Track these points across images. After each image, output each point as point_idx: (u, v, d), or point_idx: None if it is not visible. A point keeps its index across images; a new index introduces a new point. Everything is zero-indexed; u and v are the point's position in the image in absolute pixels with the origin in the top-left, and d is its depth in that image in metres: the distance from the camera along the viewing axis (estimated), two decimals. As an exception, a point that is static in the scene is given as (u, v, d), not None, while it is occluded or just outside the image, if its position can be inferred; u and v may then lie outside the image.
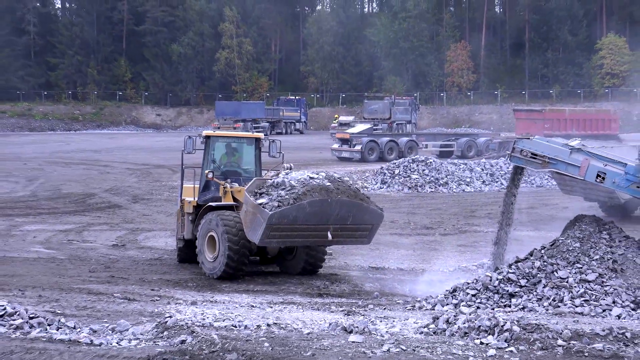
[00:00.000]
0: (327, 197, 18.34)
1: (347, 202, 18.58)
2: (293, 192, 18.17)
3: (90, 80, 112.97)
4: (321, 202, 18.20)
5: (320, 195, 18.25)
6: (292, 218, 18.08)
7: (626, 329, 13.66)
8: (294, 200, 17.98)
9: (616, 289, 16.74)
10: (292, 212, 17.95)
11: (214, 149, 22.15)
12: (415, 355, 12.36)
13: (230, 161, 22.55)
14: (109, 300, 17.58)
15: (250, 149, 22.40)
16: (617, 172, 18.03)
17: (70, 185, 41.33)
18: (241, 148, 22.77)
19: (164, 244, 26.05)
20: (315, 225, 18.60)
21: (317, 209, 18.23)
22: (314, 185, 18.44)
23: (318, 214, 18.36)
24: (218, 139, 22.60)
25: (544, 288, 17.12)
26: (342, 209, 18.54)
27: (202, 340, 12.49)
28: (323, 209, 18.34)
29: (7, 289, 18.33)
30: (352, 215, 18.78)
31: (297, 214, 18.06)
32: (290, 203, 17.93)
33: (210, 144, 22.02)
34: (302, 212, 18.08)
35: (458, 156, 56.03)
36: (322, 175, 19.11)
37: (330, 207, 18.40)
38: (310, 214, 18.20)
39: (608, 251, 17.59)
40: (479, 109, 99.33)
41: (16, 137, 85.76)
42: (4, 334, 13.29)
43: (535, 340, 13.06)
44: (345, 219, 18.76)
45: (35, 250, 24.56)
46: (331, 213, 18.46)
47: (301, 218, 18.20)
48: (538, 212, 32.38)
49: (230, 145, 22.77)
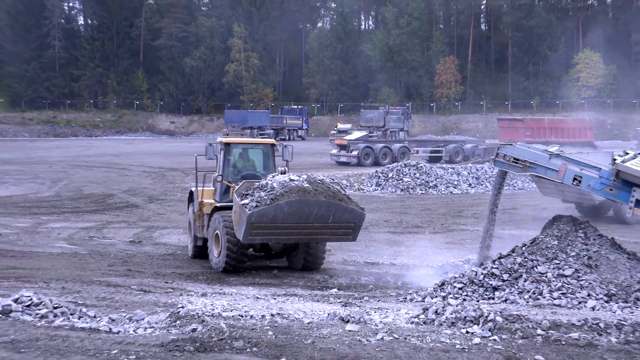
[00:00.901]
0: (304, 198, 18.35)
1: (325, 202, 18.57)
2: (272, 193, 18.29)
3: (110, 90, 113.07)
4: (298, 202, 18.24)
5: (297, 195, 18.28)
6: (272, 217, 18.15)
7: (600, 319, 13.65)
8: (271, 200, 18.08)
9: (591, 283, 16.73)
10: (270, 211, 18.03)
11: (233, 155, 21.99)
12: (406, 343, 12.35)
13: (247, 165, 22.32)
14: (127, 292, 17.57)
15: (266, 153, 22.32)
16: (592, 176, 18.02)
17: (92, 187, 41.32)
18: (257, 153, 22.56)
19: (177, 241, 26.04)
20: (297, 223, 18.60)
21: (295, 208, 18.25)
22: (293, 186, 18.51)
23: (297, 213, 18.37)
24: (236, 145, 22.42)
25: (524, 282, 17.11)
26: (321, 208, 18.53)
27: (211, 328, 12.48)
28: (301, 209, 18.34)
29: (33, 281, 18.33)
30: (331, 214, 18.74)
31: (276, 214, 18.11)
32: (268, 203, 18.03)
33: (229, 150, 21.85)
34: (281, 211, 18.12)
35: (446, 161, 56.04)
36: (303, 178, 19.11)
37: (309, 207, 18.40)
38: (288, 213, 18.24)
39: (583, 248, 17.58)
40: (465, 118, 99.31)
41: (42, 143, 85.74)
42: (30, 322, 13.28)
43: (516, 329, 13.05)
44: (326, 218, 18.73)
45: (59, 245, 24.56)
46: (310, 212, 18.45)
47: (280, 217, 18.23)
48: (519, 213, 32.34)
49: (247, 151, 22.62)
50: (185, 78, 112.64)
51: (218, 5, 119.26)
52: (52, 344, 11.96)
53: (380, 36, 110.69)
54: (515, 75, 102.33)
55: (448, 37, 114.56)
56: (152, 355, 11.44)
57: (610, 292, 16.56)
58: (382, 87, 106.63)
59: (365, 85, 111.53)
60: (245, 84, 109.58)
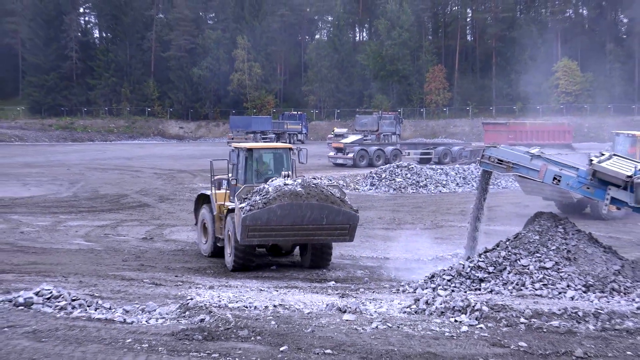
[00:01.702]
0: (296, 201, 18.18)
1: (317, 205, 18.40)
2: (265, 197, 18.19)
3: (124, 98, 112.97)
4: (290, 206, 18.10)
5: (290, 199, 18.14)
6: (265, 220, 18.05)
7: (578, 308, 13.67)
8: (264, 204, 17.98)
9: (570, 275, 16.74)
10: (263, 215, 17.94)
11: (254, 159, 21.45)
12: (399, 332, 12.35)
13: (267, 168, 21.85)
14: (139, 285, 17.58)
15: (284, 157, 21.93)
16: (571, 175, 18.05)
17: (107, 188, 41.30)
18: (276, 157, 22.09)
19: (186, 237, 26.03)
20: (291, 225, 18.44)
21: (287, 211, 18.11)
22: (286, 190, 18.36)
23: (290, 216, 18.21)
24: (257, 150, 21.87)
25: (508, 274, 17.12)
26: (314, 211, 18.36)
27: (218, 318, 12.48)
28: (293, 211, 18.19)
29: (53, 275, 18.34)
30: (324, 216, 18.53)
31: (269, 217, 18.01)
32: (260, 207, 17.94)
33: (251, 155, 21.34)
34: (274, 214, 18.01)
35: (435, 162, 55.95)
36: (297, 182, 18.93)
37: (301, 210, 18.24)
38: (281, 216, 18.12)
39: (563, 243, 17.59)
40: (453, 122, 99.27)
41: (61, 147, 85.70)
42: (50, 314, 13.28)
43: (501, 318, 13.06)
44: (319, 220, 18.55)
45: (77, 242, 24.57)
46: (303, 215, 18.28)
47: (274, 220, 18.11)
48: (503, 210, 32.32)
49: (267, 155, 22.15)
50: (193, 86, 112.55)
51: (223, 19, 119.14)
52: (71, 333, 11.96)
53: (373, 47, 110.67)
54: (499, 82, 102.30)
55: (436, 47, 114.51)
56: (164, 344, 11.44)
57: (588, 283, 16.57)
58: (375, 94, 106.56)
59: (360, 93, 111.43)
60: (248, 91, 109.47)
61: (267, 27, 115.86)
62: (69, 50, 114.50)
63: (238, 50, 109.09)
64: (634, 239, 25.94)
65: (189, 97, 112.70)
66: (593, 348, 11.53)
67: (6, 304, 13.93)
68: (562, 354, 11.24)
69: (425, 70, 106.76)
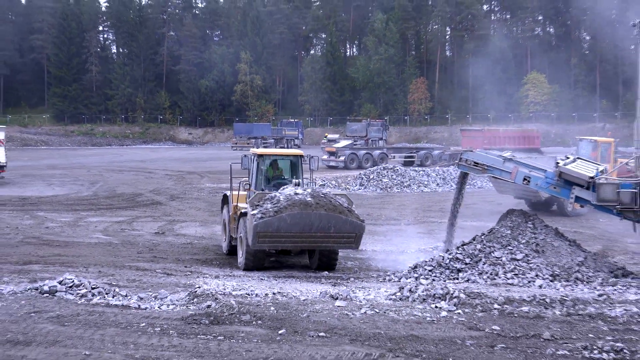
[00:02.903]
0: (305, 211, 17.32)
1: (325, 215, 17.50)
2: (277, 205, 17.38)
3: (138, 107, 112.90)
4: (300, 215, 17.25)
5: (299, 208, 17.29)
6: (276, 227, 17.18)
7: (546, 295, 13.68)
8: (275, 212, 17.17)
9: (538, 266, 16.77)
10: (274, 222, 17.09)
11: (265, 164, 20.52)
12: (385, 316, 12.35)
13: (278, 174, 20.77)
14: (153, 275, 17.56)
15: (294, 163, 20.80)
16: (539, 176, 18.09)
17: (123, 187, 41.25)
18: (287, 163, 21.01)
19: (195, 232, 26.01)
20: (300, 233, 17.53)
21: (297, 220, 17.24)
22: (296, 200, 17.50)
23: (299, 224, 17.31)
24: (268, 156, 20.91)
25: (483, 265, 17.13)
26: (322, 220, 17.46)
27: (223, 305, 12.46)
28: (302, 220, 17.29)
29: (75, 266, 18.31)
30: (332, 225, 17.60)
31: (280, 224, 17.14)
32: (271, 215, 17.14)
33: (262, 160, 20.44)
34: (284, 222, 17.15)
35: (418, 165, 56.01)
36: (307, 192, 18.11)
37: (310, 219, 17.34)
38: (291, 224, 17.24)
39: (532, 237, 17.62)
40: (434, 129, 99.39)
41: (81, 151, 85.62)
42: (72, 300, 13.26)
43: (477, 304, 13.06)
44: (327, 228, 17.61)
45: (96, 236, 24.53)
46: (312, 224, 17.39)
47: (284, 227, 17.24)
48: (479, 207, 32.37)
49: (278, 161, 21.06)
50: (201, 96, 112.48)
51: (228, 36, 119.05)
52: (91, 318, 11.94)
53: (362, 61, 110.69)
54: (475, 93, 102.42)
55: (419, 62, 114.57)
56: (174, 328, 11.43)
57: (555, 273, 16.60)
58: (364, 104, 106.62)
59: (351, 102, 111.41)
60: (250, 101, 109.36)
61: (267, 43, 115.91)
62: (89, 64, 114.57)
63: (241, 64, 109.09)
64: (595, 233, 26.00)
65: (197, 106, 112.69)
66: (559, 331, 11.54)
67: (33, 291, 13.91)
68: (532, 336, 11.26)
69: (408, 82, 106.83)
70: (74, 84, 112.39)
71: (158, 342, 10.68)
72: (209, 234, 25.76)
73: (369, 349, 10.47)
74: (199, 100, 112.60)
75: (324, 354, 10.20)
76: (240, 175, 21.67)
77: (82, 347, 10.33)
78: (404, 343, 10.78)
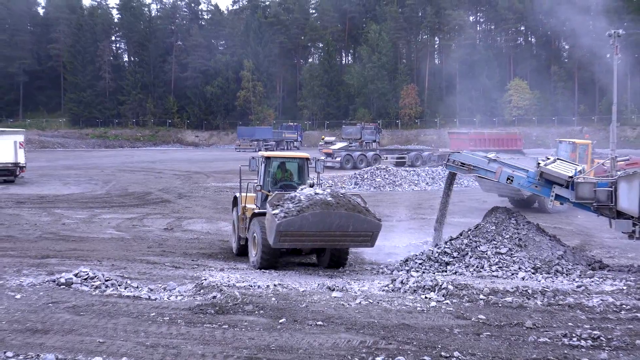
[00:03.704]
0: (327, 210, 16.56)
1: (345, 214, 16.70)
2: (299, 205, 16.59)
3: (148, 111, 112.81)
4: (322, 214, 16.46)
5: (321, 208, 16.51)
6: (298, 226, 16.31)
7: (528, 287, 13.69)
8: (298, 212, 16.36)
9: (521, 259, 16.78)
10: (297, 221, 16.23)
11: (272, 167, 19.70)
12: (379, 306, 12.36)
13: (285, 176, 19.98)
14: (162, 268, 17.55)
15: (301, 166, 20.10)
16: (522, 176, 18.11)
17: (134, 186, 41.22)
18: (293, 165, 20.18)
19: (201, 228, 26.00)
20: (320, 232, 16.67)
21: (318, 219, 16.42)
22: (317, 199, 16.74)
23: (320, 223, 16.48)
24: (276, 159, 20.07)
25: (470, 258, 17.15)
26: (342, 219, 16.64)
27: (227, 295, 12.46)
28: (324, 219, 16.47)
29: (89, 259, 18.30)
30: (351, 224, 16.79)
31: (302, 224, 16.30)
32: (294, 214, 16.30)
33: (270, 163, 19.66)
34: (306, 221, 16.31)
35: (409, 165, 56.02)
36: (327, 192, 17.44)
37: (331, 218, 16.55)
38: (313, 223, 16.40)
39: (515, 232, 17.64)
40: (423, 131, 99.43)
41: (96, 153, 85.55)
42: (87, 292, 13.25)
43: (464, 295, 13.07)
44: (346, 227, 16.79)
45: (109, 232, 24.52)
46: (332, 222, 16.60)
47: (306, 226, 16.38)
48: (466, 205, 32.40)
49: (285, 164, 20.21)
50: (207, 102, 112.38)
51: (231, 46, 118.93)
52: (104, 308, 11.94)
53: (357, 69, 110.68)
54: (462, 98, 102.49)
55: (410, 69, 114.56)
56: (182, 317, 11.43)
57: (536, 266, 16.63)
58: (359, 108, 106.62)
59: (346, 107, 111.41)
60: (252, 106, 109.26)
61: (268, 52, 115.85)
62: (102, 71, 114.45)
63: (244, 71, 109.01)
64: (574, 229, 26.03)
65: (203, 110, 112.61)
66: (540, 320, 11.55)
67: (50, 283, 13.91)
68: (515, 325, 11.27)
69: (400, 88, 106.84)
70: (88, 90, 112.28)
71: (167, 331, 10.69)
72: (214, 229, 25.77)
73: (363, 336, 10.47)
74: (204, 105, 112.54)
75: (321, 342, 10.20)
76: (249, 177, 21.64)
77: (97, 335, 10.34)
78: (396, 331, 10.78)
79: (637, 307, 12.41)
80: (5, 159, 41.10)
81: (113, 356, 9.42)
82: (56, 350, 9.62)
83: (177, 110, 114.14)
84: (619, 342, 10.36)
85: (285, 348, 9.91)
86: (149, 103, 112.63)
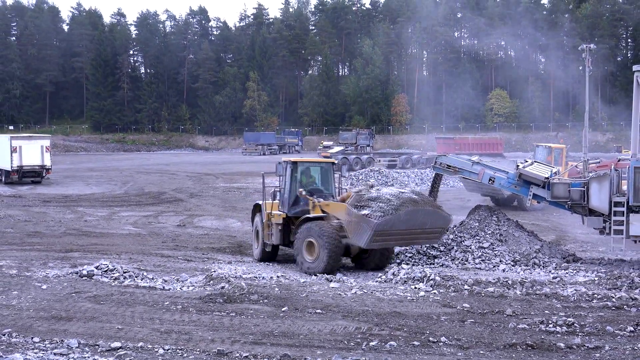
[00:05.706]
0: (417, 207, 15.74)
1: (430, 211, 16.04)
2: (391, 204, 15.45)
3: (163, 119, 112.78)
4: (413, 212, 15.57)
5: (411, 206, 15.65)
6: (391, 225, 15.26)
7: (509, 278, 13.71)
8: (394, 210, 15.31)
9: (502, 253, 16.79)
10: (392, 220, 15.20)
11: (299, 172, 17.85)
12: (372, 296, 12.36)
13: (311, 181, 18.19)
14: (175, 261, 17.54)
15: (327, 171, 18.33)
16: (502, 177, 18.13)
17: (150, 187, 41.19)
18: (320, 170, 18.44)
19: (211, 225, 25.97)
20: (407, 229, 15.74)
21: (409, 217, 15.50)
22: (406, 198, 15.83)
23: (409, 221, 15.58)
24: (302, 164, 18.27)
25: (455, 252, 17.16)
26: (427, 216, 15.93)
27: (235, 286, 12.45)
28: (413, 217, 15.60)
29: (109, 253, 18.29)
30: (429, 221, 16.05)
31: (395, 222, 15.30)
32: (391, 213, 15.24)
33: (296, 168, 17.81)
34: (399, 220, 15.32)
35: (400, 167, 55.96)
36: (409, 190, 16.84)
37: (418, 215, 15.74)
38: (403, 221, 15.44)
39: (496, 228, 17.65)
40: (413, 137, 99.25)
41: (115, 156, 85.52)
42: (106, 283, 13.25)
43: (450, 285, 13.07)
44: (425, 224, 16.00)
45: (127, 228, 24.50)
46: (417, 220, 15.77)
47: (397, 225, 15.40)
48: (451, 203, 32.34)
49: (311, 169, 18.54)
50: (216, 110, 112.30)
51: (238, 59, 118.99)
52: (123, 297, 11.93)
53: (352, 80, 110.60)
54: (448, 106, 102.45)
55: (401, 80, 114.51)
56: (194, 306, 11.43)
57: (516, 259, 16.63)
58: (354, 116, 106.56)
59: (343, 114, 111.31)
60: (258, 113, 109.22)
61: (272, 64, 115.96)
62: (121, 82, 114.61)
63: (250, 82, 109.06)
64: (550, 225, 26.02)
65: (213, 117, 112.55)
66: (519, 308, 11.55)
67: (73, 275, 13.91)
68: (496, 312, 11.26)
69: (392, 97, 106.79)
70: (108, 99, 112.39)
71: (180, 318, 10.68)
72: (223, 226, 25.74)
73: (358, 323, 10.47)
74: (214, 113, 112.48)
75: (320, 328, 10.19)
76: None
77: (116, 322, 10.33)
78: (388, 318, 10.77)
79: (607, 297, 12.42)
80: (33, 162, 41.22)
81: (131, 341, 9.41)
82: (79, 335, 9.61)
83: (189, 117, 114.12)
84: (591, 328, 10.36)
85: (287, 334, 9.91)
86: (164, 111, 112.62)
